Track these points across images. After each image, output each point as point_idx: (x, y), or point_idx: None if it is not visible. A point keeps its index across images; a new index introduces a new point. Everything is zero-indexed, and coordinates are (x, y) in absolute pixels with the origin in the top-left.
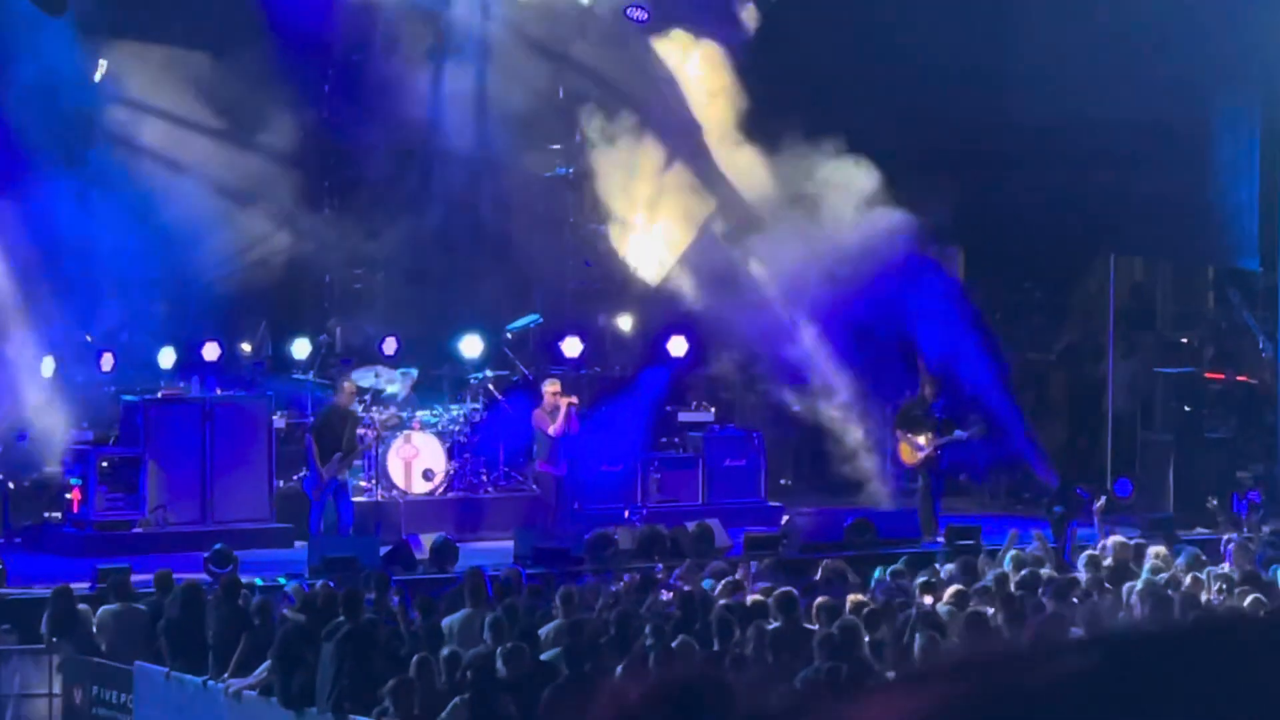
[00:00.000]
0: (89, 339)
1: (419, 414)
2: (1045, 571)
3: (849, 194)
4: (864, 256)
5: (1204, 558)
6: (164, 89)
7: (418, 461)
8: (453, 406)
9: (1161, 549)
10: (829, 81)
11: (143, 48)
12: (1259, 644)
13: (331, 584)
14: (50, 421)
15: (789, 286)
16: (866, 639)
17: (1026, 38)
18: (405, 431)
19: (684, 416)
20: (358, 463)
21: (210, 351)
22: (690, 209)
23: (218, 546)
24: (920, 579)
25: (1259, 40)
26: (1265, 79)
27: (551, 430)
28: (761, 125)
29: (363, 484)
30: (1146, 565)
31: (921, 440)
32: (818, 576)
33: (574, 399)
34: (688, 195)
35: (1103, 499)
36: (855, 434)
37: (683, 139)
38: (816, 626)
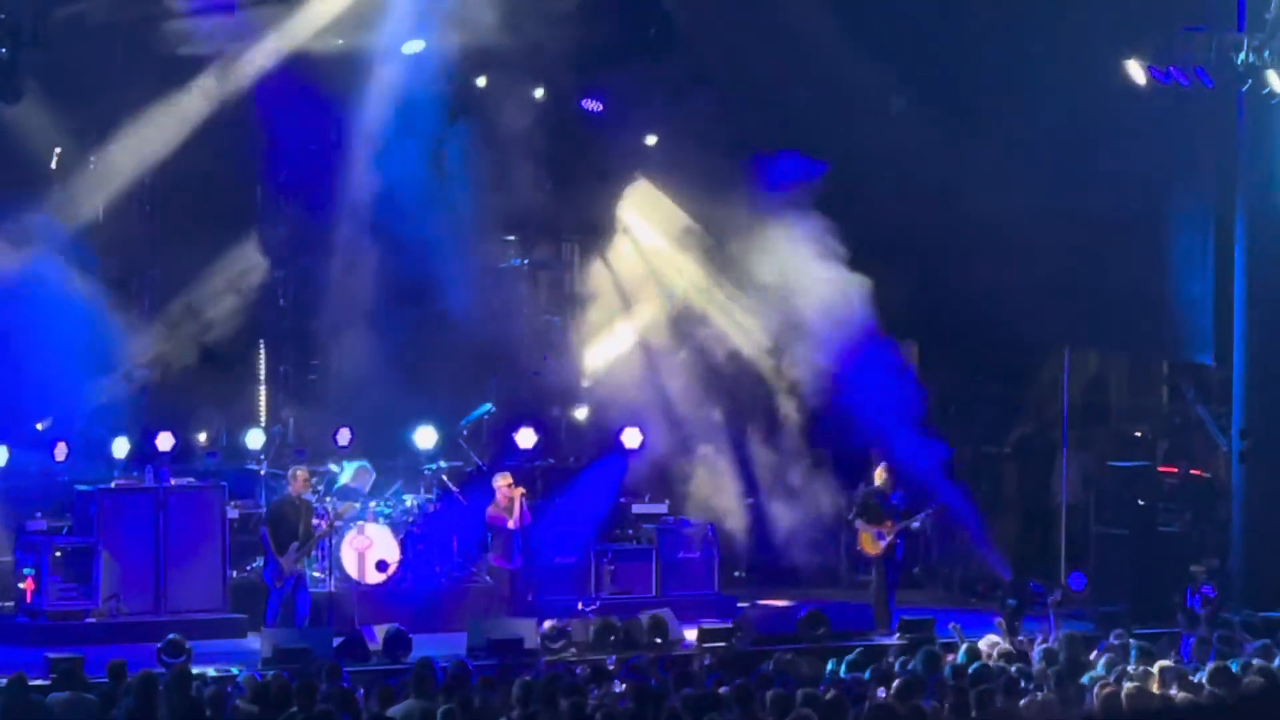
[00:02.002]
0: (40, 427)
1: (373, 504)
2: (998, 665)
3: (807, 283)
4: (820, 346)
5: (1155, 651)
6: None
7: (371, 552)
8: (406, 497)
9: (1113, 642)
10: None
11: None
12: None
13: (285, 674)
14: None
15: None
16: None
17: (984, 132)
18: (359, 522)
19: (638, 508)
20: (314, 552)
21: (164, 441)
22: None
23: (171, 637)
24: (874, 671)
25: (1213, 138)
26: (1219, 175)
27: (510, 524)
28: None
29: (316, 574)
30: (1101, 660)
31: (882, 530)
32: (770, 669)
33: (524, 490)
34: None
35: (1058, 593)
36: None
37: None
38: None
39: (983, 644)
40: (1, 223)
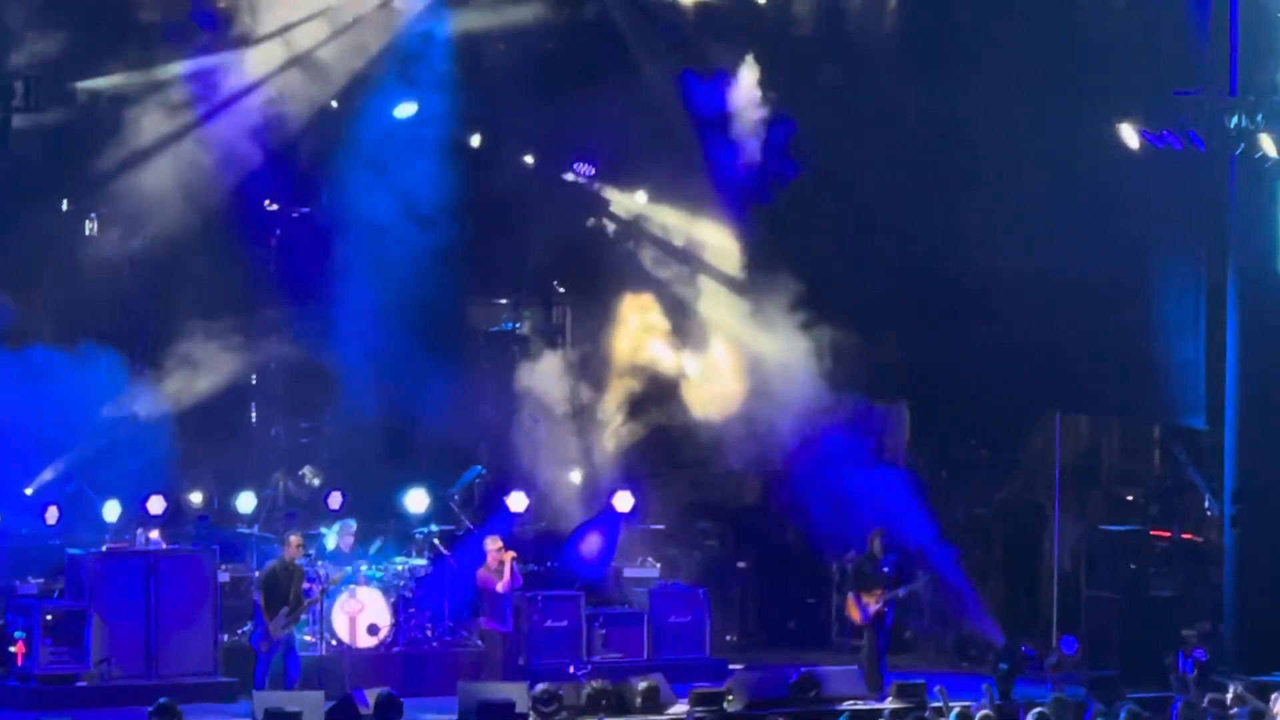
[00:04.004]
0: (29, 492)
1: (364, 568)
2: None
3: (795, 346)
4: (809, 409)
5: (1146, 715)
6: None
7: (362, 616)
8: (397, 561)
9: (1103, 707)
10: (778, 233)
11: None
12: None
13: None
14: None
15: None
16: None
17: (978, 194)
18: (350, 585)
19: (629, 572)
20: (304, 617)
21: (155, 505)
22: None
23: (162, 701)
24: None
25: (1205, 201)
26: (1211, 239)
27: (500, 587)
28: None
29: (308, 638)
30: None
31: (872, 597)
32: None
33: (514, 554)
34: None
35: (1054, 657)
36: None
37: None
38: None
39: (976, 708)
40: None
